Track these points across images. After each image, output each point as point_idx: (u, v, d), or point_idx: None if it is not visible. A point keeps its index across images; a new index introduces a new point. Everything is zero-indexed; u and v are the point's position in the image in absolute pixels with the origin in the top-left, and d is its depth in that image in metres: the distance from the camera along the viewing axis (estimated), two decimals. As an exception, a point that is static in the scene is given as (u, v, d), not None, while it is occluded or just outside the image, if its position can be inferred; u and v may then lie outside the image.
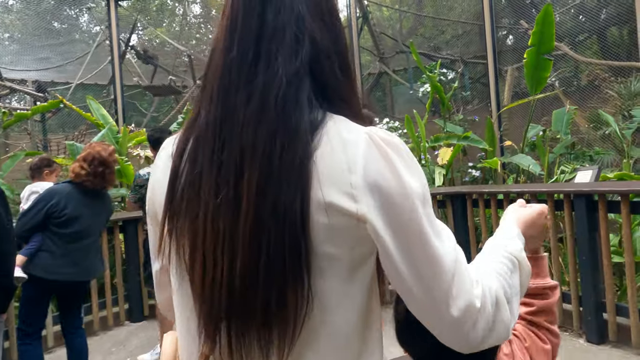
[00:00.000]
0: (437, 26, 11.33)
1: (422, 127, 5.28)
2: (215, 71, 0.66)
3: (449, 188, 4.91)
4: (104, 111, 6.07)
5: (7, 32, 13.70)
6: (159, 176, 0.72)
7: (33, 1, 13.35)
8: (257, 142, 0.59)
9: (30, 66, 11.28)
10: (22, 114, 5.40)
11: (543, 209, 0.87)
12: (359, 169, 0.58)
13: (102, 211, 3.08)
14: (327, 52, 0.66)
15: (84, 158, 2.89)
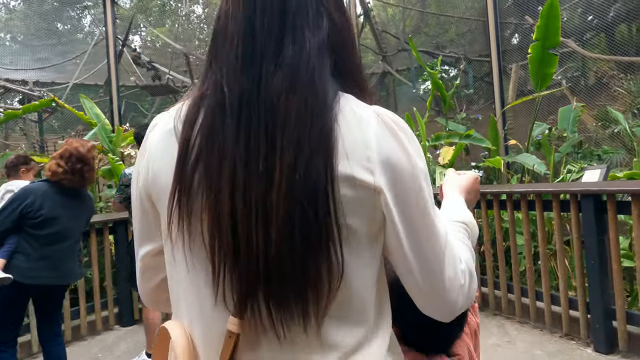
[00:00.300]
0: (440, 24, 11.14)
1: (422, 125, 5.10)
2: (232, 40, 0.65)
3: (450, 188, 4.72)
4: (97, 110, 5.96)
5: (10, 32, 13.70)
6: (155, 153, 0.69)
7: (35, 2, 13.35)
8: (288, 112, 0.59)
9: (31, 66, 11.24)
10: (12, 112, 5.30)
11: (476, 175, 0.98)
12: (373, 145, 0.61)
13: (82, 212, 2.92)
14: (342, 30, 0.69)
15: (60, 155, 2.75)
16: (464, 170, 0.98)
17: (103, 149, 5.85)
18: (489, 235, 4.18)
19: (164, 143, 0.67)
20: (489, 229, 4.24)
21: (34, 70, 11.19)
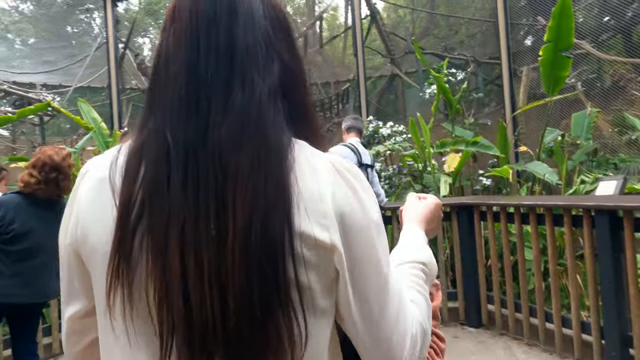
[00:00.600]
0: (450, 26, 10.86)
1: (426, 131, 4.87)
2: (175, 83, 0.60)
3: (453, 199, 4.49)
4: (94, 114, 5.84)
5: (19, 35, 13.79)
6: (88, 206, 0.62)
7: (45, 5, 13.41)
8: (240, 165, 0.56)
9: (39, 69, 11.26)
10: (6, 117, 5.21)
11: (438, 202, 0.91)
12: (329, 197, 0.58)
13: (58, 224, 2.76)
14: (294, 73, 0.66)
15: (33, 164, 2.59)
16: (426, 195, 0.93)
17: (99, 153, 5.74)
18: (496, 249, 3.94)
19: (95, 194, 0.61)
20: (496, 242, 4.00)
21: (42, 73, 11.22)
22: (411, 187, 5.16)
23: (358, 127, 3.87)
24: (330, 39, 10.28)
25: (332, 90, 14.14)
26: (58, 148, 2.77)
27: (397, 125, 5.74)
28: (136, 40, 12.19)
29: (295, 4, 17.31)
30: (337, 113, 11.05)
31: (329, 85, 14.38)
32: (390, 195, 5.36)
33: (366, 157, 3.73)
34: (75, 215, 0.64)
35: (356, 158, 3.62)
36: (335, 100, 10.10)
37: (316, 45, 9.26)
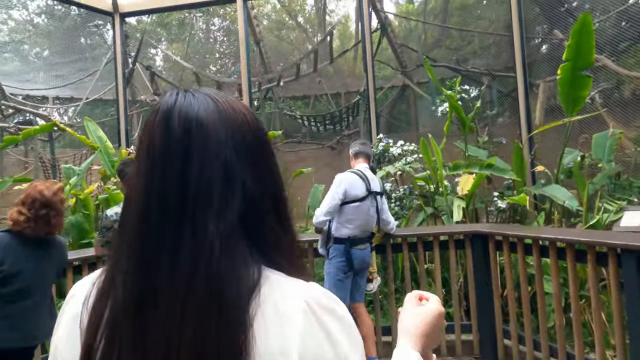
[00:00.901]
0: (463, 36, 10.66)
1: (438, 153, 4.68)
2: (132, 230, 0.57)
3: (468, 226, 4.28)
4: (100, 133, 5.79)
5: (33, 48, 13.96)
6: (63, 343, 0.62)
7: (59, 18, 13.56)
8: (184, 330, 0.51)
9: (52, 81, 11.36)
10: (12, 137, 5.17)
11: (441, 311, 0.81)
12: (294, 352, 0.53)
13: (50, 263, 2.63)
14: (261, 202, 0.61)
15: (22, 201, 2.47)
16: (428, 294, 0.84)
17: (105, 173, 5.67)
18: (513, 279, 3.73)
19: (68, 331, 0.61)
20: (512, 272, 3.79)
21: (54, 87, 11.32)
22: (422, 209, 4.96)
23: (366, 153, 3.70)
24: (340, 53, 10.15)
25: (343, 101, 14.01)
26: (50, 182, 2.65)
27: (408, 144, 5.55)
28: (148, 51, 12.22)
29: (306, 14, 17.27)
30: (347, 125, 10.89)
31: (339, 96, 14.26)
32: (401, 218, 5.16)
33: (375, 184, 3.56)
34: (54, 345, 0.64)
35: (364, 185, 3.46)
36: (346, 112, 9.96)
37: (327, 59, 9.14)
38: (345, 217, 3.43)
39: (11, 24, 15.41)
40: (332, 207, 3.38)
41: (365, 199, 3.43)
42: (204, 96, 0.61)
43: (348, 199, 3.39)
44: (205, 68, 15.53)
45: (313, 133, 12.26)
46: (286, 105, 12.53)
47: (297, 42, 15.87)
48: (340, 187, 3.38)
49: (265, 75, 9.26)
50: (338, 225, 3.46)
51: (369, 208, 3.48)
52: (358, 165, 3.63)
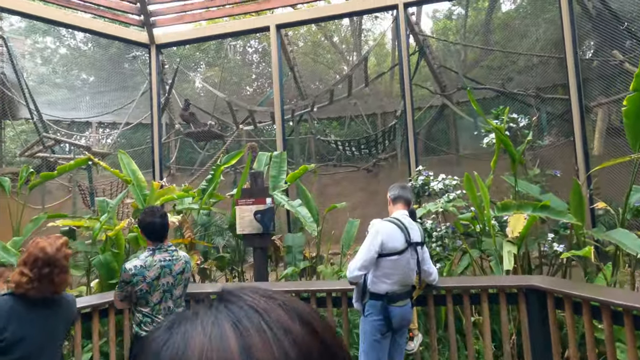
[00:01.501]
0: (508, 55, 10.13)
1: (484, 191, 4.26)
2: None
3: (522, 279, 3.81)
4: (134, 166, 5.75)
5: (78, 75, 14.58)
6: None
7: (104, 46, 14.11)
8: None
9: (95, 108, 11.75)
10: (48, 174, 5.21)
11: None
12: None
13: (58, 322, 2.43)
14: None
15: (24, 260, 2.30)
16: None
17: (137, 207, 5.60)
18: (575, 339, 3.24)
19: None
20: (575, 331, 3.30)
21: (98, 112, 11.71)
22: (467, 253, 4.53)
23: (406, 198, 3.35)
24: (376, 76, 9.88)
25: (379, 123, 13.69)
26: (54, 238, 2.47)
27: (450, 178, 5.15)
28: (187, 74, 12.42)
29: (341, 34, 17.19)
30: (383, 149, 10.54)
31: (375, 117, 13.95)
32: (443, 260, 4.75)
33: (415, 234, 3.21)
34: None
35: (403, 236, 3.11)
36: (381, 136, 9.63)
37: (362, 82, 8.89)
38: (383, 271, 3.09)
39: (61, 53, 16.23)
40: (367, 261, 3.06)
41: (405, 251, 3.08)
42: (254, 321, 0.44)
43: (385, 251, 3.06)
44: (242, 90, 15.70)
45: (348, 155, 11.99)
46: (320, 127, 12.35)
47: (332, 63, 15.76)
48: (376, 239, 3.05)
49: (298, 101, 9.12)
50: (374, 279, 3.13)
51: (409, 261, 3.13)
52: (396, 212, 3.29)
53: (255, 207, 5.06)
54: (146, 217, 3.07)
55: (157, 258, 3.06)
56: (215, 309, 0.47)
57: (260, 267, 5.05)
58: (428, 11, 20.06)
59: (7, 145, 11.37)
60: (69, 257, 2.40)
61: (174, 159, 12.40)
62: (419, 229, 3.31)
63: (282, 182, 5.64)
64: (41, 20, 6.29)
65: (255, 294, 0.48)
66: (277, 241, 5.38)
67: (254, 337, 0.43)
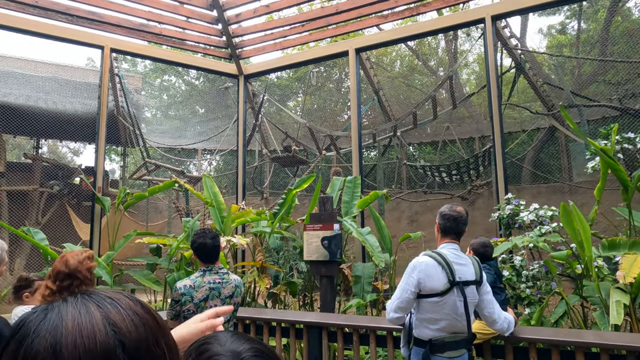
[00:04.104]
0: (631, 68, 8.71)
1: (584, 226, 3.52)
2: None
3: (635, 338, 3.01)
4: (215, 189, 6.02)
5: (190, 107, 16.19)
6: None
7: (211, 80, 15.55)
8: None
9: (200, 135, 12.86)
10: (140, 194, 5.71)
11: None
12: None
13: None
14: None
15: (49, 274, 2.38)
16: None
17: (215, 228, 5.82)
18: None
19: None
20: None
21: (200, 139, 12.82)
22: (563, 299, 3.77)
23: (457, 231, 2.80)
24: (464, 97, 9.21)
25: (477, 147, 12.72)
26: (80, 251, 2.53)
27: (545, 208, 4.42)
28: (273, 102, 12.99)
29: (437, 57, 16.62)
30: (477, 175, 9.69)
31: (472, 141, 13.01)
32: (535, 304, 4.03)
33: (465, 271, 2.64)
34: None
35: (444, 274, 2.56)
36: (474, 161, 8.86)
37: (451, 104, 8.34)
38: (425, 314, 2.60)
39: (178, 89, 18.27)
40: (403, 302, 2.61)
41: (448, 292, 2.55)
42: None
43: (424, 292, 2.58)
44: (332, 116, 15.92)
45: (443, 182, 11.28)
46: (411, 152, 11.85)
47: (427, 87, 15.25)
48: (411, 277, 2.59)
49: (380, 125, 8.86)
50: (417, 322, 2.67)
51: (455, 304, 2.56)
52: (443, 245, 2.77)
53: (322, 232, 4.89)
54: (198, 238, 3.08)
55: (206, 280, 3.03)
56: (81, 296, 0.61)
57: (326, 296, 4.83)
58: (540, 26, 18.52)
59: (130, 169, 12.98)
60: (92, 270, 2.44)
61: (267, 184, 12.91)
62: (475, 264, 2.76)
63: (354, 208, 5.40)
64: (147, 58, 7.07)
65: (108, 292, 0.63)
66: (346, 270, 5.11)
67: (112, 311, 0.59)
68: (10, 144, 17.56)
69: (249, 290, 5.54)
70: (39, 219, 10.33)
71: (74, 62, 19.03)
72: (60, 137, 12.76)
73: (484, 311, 2.72)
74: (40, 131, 11.30)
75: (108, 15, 6.21)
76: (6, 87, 8.50)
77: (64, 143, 20.72)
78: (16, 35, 19.22)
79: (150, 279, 5.39)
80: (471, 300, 2.60)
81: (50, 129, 9.87)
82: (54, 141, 18.91)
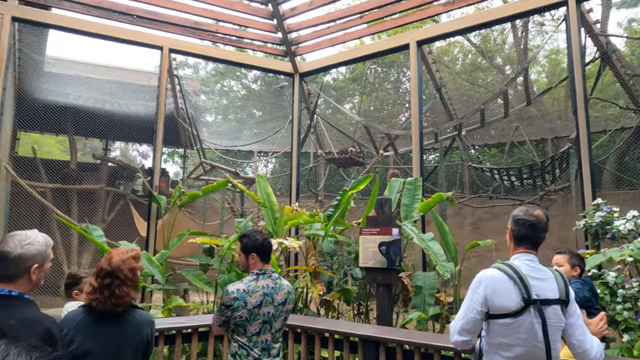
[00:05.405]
0: None
1: None
2: None
3: None
4: (269, 189, 5.85)
5: (247, 110, 16.40)
6: None
7: (268, 82, 15.66)
8: None
9: (254, 139, 12.92)
10: (194, 193, 5.65)
11: None
12: None
13: (123, 344, 2.22)
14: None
15: (94, 272, 2.24)
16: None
17: (268, 230, 5.63)
18: None
19: None
20: None
21: (256, 140, 12.87)
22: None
23: (534, 238, 2.29)
24: (539, 93, 8.36)
25: (550, 149, 11.66)
26: (126, 250, 2.36)
27: (646, 216, 3.74)
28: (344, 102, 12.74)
29: (504, 54, 15.58)
30: (553, 180, 8.78)
31: (544, 143, 11.95)
32: (635, 330, 3.38)
33: (544, 288, 2.12)
34: None
35: (517, 291, 2.09)
36: (550, 164, 8.01)
37: (523, 102, 7.59)
38: (496, 338, 2.15)
39: (237, 93, 18.63)
40: (467, 323, 2.19)
41: (522, 313, 2.08)
42: None
43: (493, 311, 2.13)
44: (389, 115, 15.41)
45: (510, 186, 10.41)
46: (475, 155, 11.07)
47: (492, 85, 14.30)
48: (477, 293, 2.16)
49: (443, 125, 8.26)
50: (487, 347, 2.21)
51: (533, 327, 2.08)
52: (516, 256, 2.25)
53: (380, 237, 4.51)
54: (244, 238, 2.86)
55: (260, 284, 2.78)
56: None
57: (383, 307, 4.43)
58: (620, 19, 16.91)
59: (189, 170, 13.33)
60: (135, 270, 2.25)
61: (322, 186, 12.68)
62: (559, 279, 2.22)
63: (415, 212, 4.96)
64: (203, 58, 7.09)
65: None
66: (405, 279, 4.68)
67: None
68: (85, 145, 18.83)
69: (300, 296, 5.28)
70: (104, 216, 10.83)
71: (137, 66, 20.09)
72: (125, 139, 13.41)
73: (571, 338, 2.17)
74: (107, 133, 11.90)
75: (164, 13, 6.27)
76: (76, 90, 8.99)
77: (134, 147, 21.97)
78: (82, 40, 20.11)
79: (203, 280, 5.29)
80: (554, 323, 2.09)
81: (115, 131, 10.32)
82: (125, 144, 20.07)
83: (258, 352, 2.77)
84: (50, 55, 9.05)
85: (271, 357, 2.82)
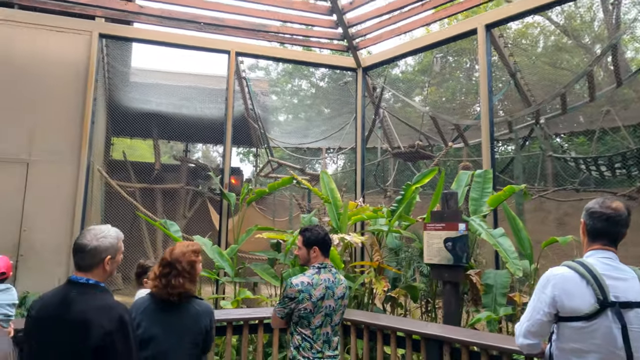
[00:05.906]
0: None
1: None
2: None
3: None
4: (333, 185, 5.87)
5: (314, 108, 16.59)
6: None
7: (335, 79, 15.72)
8: None
9: (321, 135, 13.05)
10: (261, 190, 5.85)
11: None
12: None
13: (182, 332, 2.31)
14: None
15: (158, 261, 2.41)
16: None
17: (332, 225, 5.66)
18: None
19: None
20: None
21: (323, 136, 12.99)
22: None
23: (610, 232, 2.05)
24: (632, 73, 7.41)
25: (650, 135, 10.33)
26: (188, 243, 2.48)
27: None
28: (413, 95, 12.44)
29: (592, 33, 14.09)
30: (651, 169, 7.77)
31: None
32: None
33: (625, 289, 1.87)
34: None
35: (591, 291, 1.88)
36: (647, 152, 7.10)
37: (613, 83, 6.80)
38: (567, 344, 1.94)
39: (307, 92, 18.94)
40: (534, 325, 2.01)
41: (598, 316, 1.86)
42: None
43: (563, 313, 1.93)
44: (466, 110, 14.70)
45: (598, 178, 9.42)
46: (557, 144, 10.16)
47: (579, 67, 13.02)
48: (544, 293, 1.98)
49: (516, 113, 7.67)
50: (558, 352, 2.00)
51: (612, 333, 1.84)
52: (591, 253, 2.02)
53: (445, 233, 4.33)
54: (319, 230, 2.94)
55: (322, 277, 2.85)
56: None
57: (449, 306, 4.25)
58: None
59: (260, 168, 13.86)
60: (194, 264, 2.37)
61: (391, 181, 12.47)
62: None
63: (484, 206, 4.68)
64: (268, 59, 7.31)
65: None
66: (474, 277, 4.44)
67: None
68: (171, 148, 20.35)
69: (366, 292, 5.24)
70: (185, 213, 11.65)
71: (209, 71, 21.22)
72: (201, 140, 14.27)
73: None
74: (185, 136, 12.76)
75: (230, 19, 6.57)
76: (157, 97, 9.77)
77: (214, 148, 23.32)
78: (158, 50, 21.47)
79: (270, 274, 5.47)
80: (637, 328, 1.85)
81: (193, 134, 11.02)
82: (205, 146, 21.39)
83: (320, 345, 2.82)
84: (134, 66, 9.92)
85: (331, 349, 2.85)
